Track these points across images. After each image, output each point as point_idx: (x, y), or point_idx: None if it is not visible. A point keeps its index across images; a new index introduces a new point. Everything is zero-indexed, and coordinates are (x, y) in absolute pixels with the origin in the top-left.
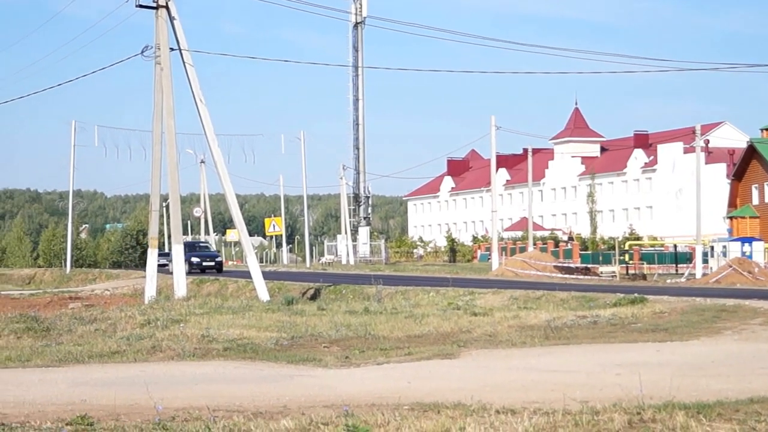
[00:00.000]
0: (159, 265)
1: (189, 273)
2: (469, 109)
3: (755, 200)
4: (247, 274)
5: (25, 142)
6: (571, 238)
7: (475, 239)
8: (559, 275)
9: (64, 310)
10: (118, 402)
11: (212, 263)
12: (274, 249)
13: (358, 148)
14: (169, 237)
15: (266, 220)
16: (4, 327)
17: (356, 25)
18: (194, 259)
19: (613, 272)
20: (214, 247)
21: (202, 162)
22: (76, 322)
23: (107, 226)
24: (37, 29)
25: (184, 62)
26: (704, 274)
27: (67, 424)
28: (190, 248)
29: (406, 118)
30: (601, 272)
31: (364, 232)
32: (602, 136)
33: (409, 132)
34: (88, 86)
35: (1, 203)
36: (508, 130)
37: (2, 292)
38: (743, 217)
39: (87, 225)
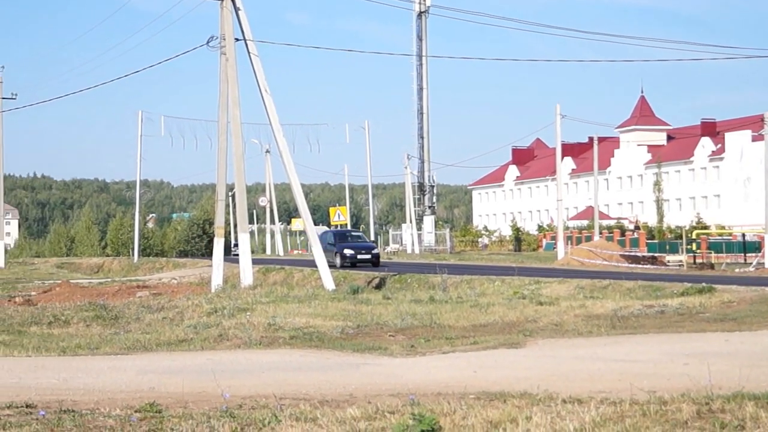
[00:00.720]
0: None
1: (341, 267)
2: (534, 98)
3: None
4: (312, 263)
5: (92, 132)
6: (637, 227)
7: (540, 228)
8: (626, 264)
9: (132, 299)
10: (185, 389)
11: (368, 256)
12: None
13: (422, 138)
14: (235, 226)
15: (331, 209)
16: (73, 315)
17: (420, 14)
18: (347, 251)
19: (680, 261)
20: (368, 237)
21: (268, 152)
22: (143, 310)
23: (174, 215)
24: (104, 21)
25: (249, 52)
26: None
27: (136, 411)
28: (340, 238)
29: (470, 107)
30: (668, 261)
31: (428, 221)
32: (668, 125)
33: (474, 121)
34: (155, 77)
35: (70, 193)
36: (573, 119)
37: (71, 281)
38: None
39: (154, 214)
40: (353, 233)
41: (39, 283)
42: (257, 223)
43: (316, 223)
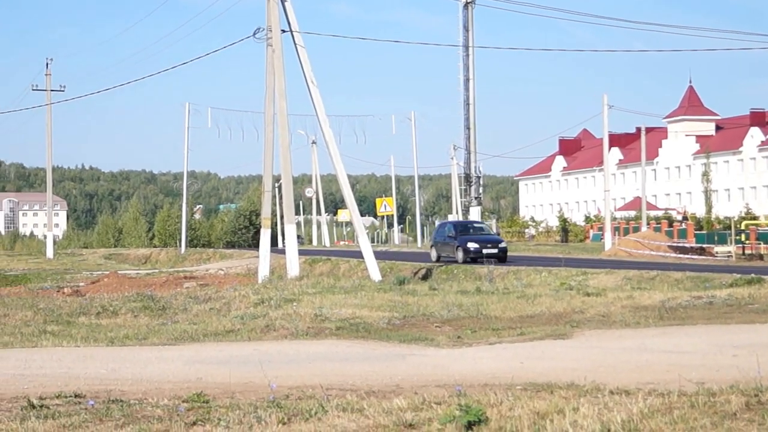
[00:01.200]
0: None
1: (463, 262)
2: (581, 88)
3: None
4: (358, 254)
5: (140, 124)
6: (685, 218)
7: (587, 219)
8: (674, 255)
9: (180, 290)
10: (232, 380)
11: (494, 250)
12: (385, 229)
13: (468, 128)
14: (282, 217)
15: (377, 200)
16: (121, 306)
17: (467, 4)
18: (471, 245)
19: (729, 252)
20: (493, 229)
21: (314, 143)
22: (191, 301)
23: (220, 206)
24: (152, 13)
25: (295, 44)
26: None
27: (183, 401)
28: (462, 230)
29: (517, 97)
30: (717, 252)
31: (475, 212)
32: (717, 114)
33: (521, 111)
34: (202, 69)
35: (118, 184)
36: (620, 109)
37: (119, 272)
38: None
39: (201, 205)
40: (475, 224)
41: (87, 274)
42: (303, 214)
43: (362, 214)
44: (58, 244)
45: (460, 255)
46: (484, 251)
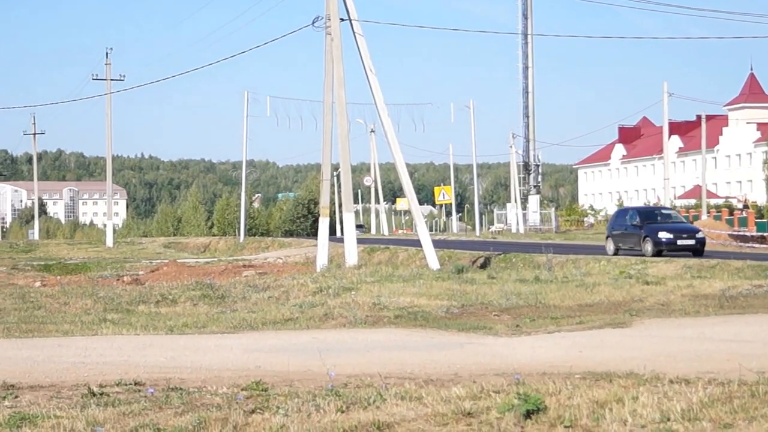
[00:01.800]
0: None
1: (653, 255)
2: (641, 76)
3: None
4: (416, 243)
5: (199, 113)
6: (746, 206)
7: None
8: (734, 244)
9: (238, 278)
10: (291, 368)
11: (691, 242)
12: (443, 217)
13: (527, 116)
14: (340, 206)
15: (436, 188)
16: (180, 294)
17: None
18: (663, 235)
19: None
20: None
21: (372, 131)
22: (249, 289)
23: (279, 195)
24: (211, 2)
25: (354, 32)
26: None
27: (242, 390)
28: (649, 217)
29: (576, 85)
30: None
31: (533, 200)
32: None
33: (580, 99)
34: (261, 57)
35: (177, 173)
36: (680, 97)
37: (178, 261)
38: None
39: (260, 194)
40: (663, 210)
41: (146, 262)
42: (362, 202)
43: (420, 203)
44: (117, 233)
45: (648, 247)
46: (679, 242)
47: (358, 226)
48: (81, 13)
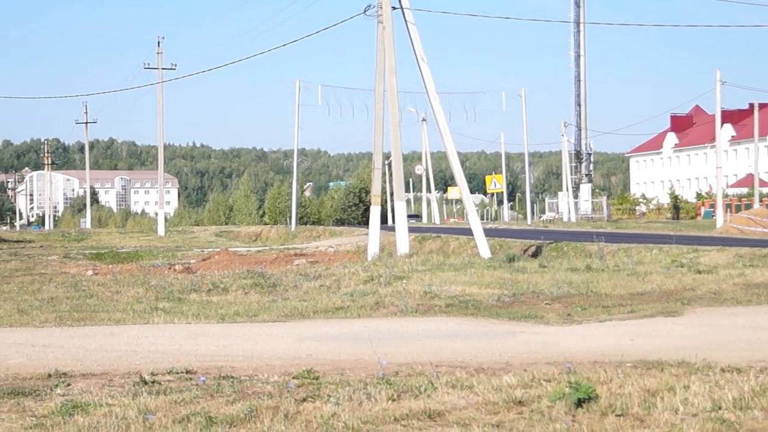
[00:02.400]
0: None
1: None
2: (693, 64)
3: None
4: (468, 231)
5: (250, 101)
6: None
7: (698, 196)
8: None
9: (290, 267)
10: (342, 357)
11: None
12: (494, 206)
13: (579, 105)
14: (392, 194)
15: (487, 177)
16: (232, 283)
17: None
18: None
19: None
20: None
21: (424, 120)
22: (301, 278)
23: (330, 183)
24: None
25: (405, 21)
26: None
27: (293, 378)
28: None
29: (628, 73)
30: None
31: (585, 189)
32: None
33: (632, 88)
34: (313, 46)
35: (229, 162)
36: (733, 85)
37: (230, 249)
38: None
39: (311, 183)
40: None
41: (198, 251)
42: (413, 191)
43: (472, 192)
44: (169, 222)
45: None
46: None
47: (414, 216)
48: (133, 2)
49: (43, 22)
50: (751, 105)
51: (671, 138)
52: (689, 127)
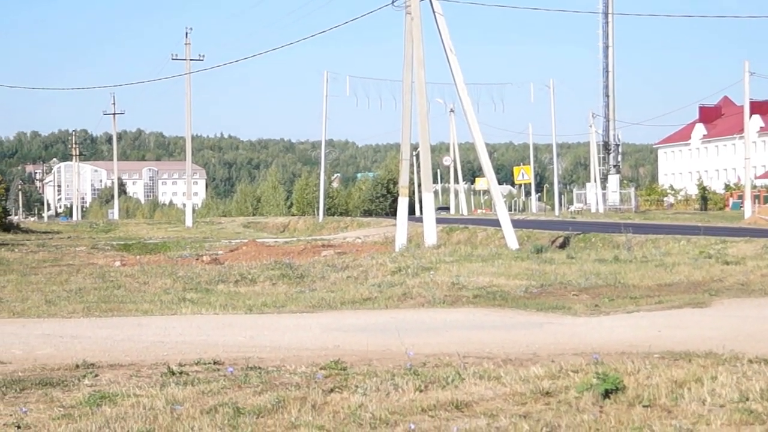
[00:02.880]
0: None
1: None
2: (722, 55)
3: None
4: (495, 222)
5: (278, 92)
6: None
7: (727, 187)
8: None
9: (317, 258)
10: (370, 347)
11: None
12: (522, 197)
13: (607, 96)
14: (419, 186)
15: (515, 168)
16: (260, 274)
17: None
18: None
19: None
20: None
21: (452, 111)
22: (328, 269)
23: (358, 175)
24: None
25: (434, 11)
26: None
27: (321, 369)
28: None
29: (656, 64)
30: None
31: (613, 180)
32: None
33: (660, 79)
34: (341, 37)
35: (256, 153)
36: (762, 76)
37: (258, 240)
38: None
39: (339, 174)
40: None
41: (226, 242)
42: (441, 182)
43: (499, 183)
44: (197, 213)
45: None
46: None
47: (443, 208)
48: None
49: (71, 13)
50: None
51: (699, 129)
52: (718, 118)
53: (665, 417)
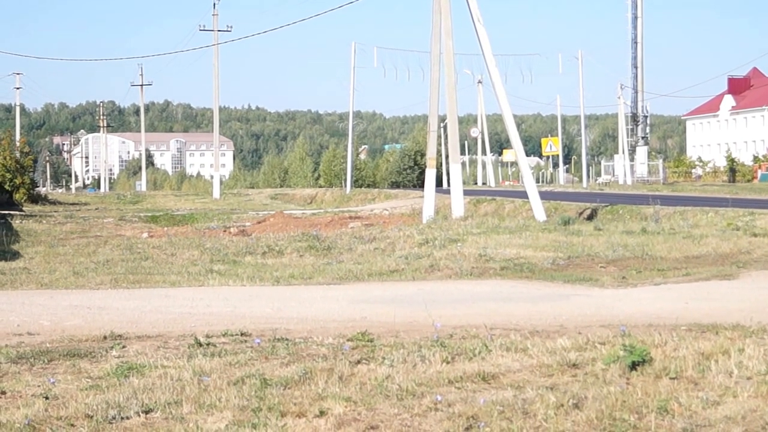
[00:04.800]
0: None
1: None
2: (751, 26)
3: None
4: (523, 194)
5: (306, 64)
6: None
7: (755, 159)
8: None
9: (345, 230)
10: (397, 319)
11: None
12: (550, 169)
13: (636, 67)
14: (447, 157)
15: (543, 140)
16: (287, 245)
17: None
18: None
19: None
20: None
21: (480, 82)
22: (355, 241)
23: (386, 146)
24: None
25: None
26: None
27: (348, 340)
28: None
29: (685, 35)
30: None
31: (641, 151)
32: None
33: (689, 50)
34: (368, 8)
35: (284, 124)
36: None
37: (285, 212)
38: None
39: (366, 146)
40: None
41: (253, 213)
42: (469, 154)
43: (527, 154)
44: (224, 184)
45: None
46: None
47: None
48: None
49: None
50: None
51: (728, 100)
52: (747, 89)
53: (692, 389)
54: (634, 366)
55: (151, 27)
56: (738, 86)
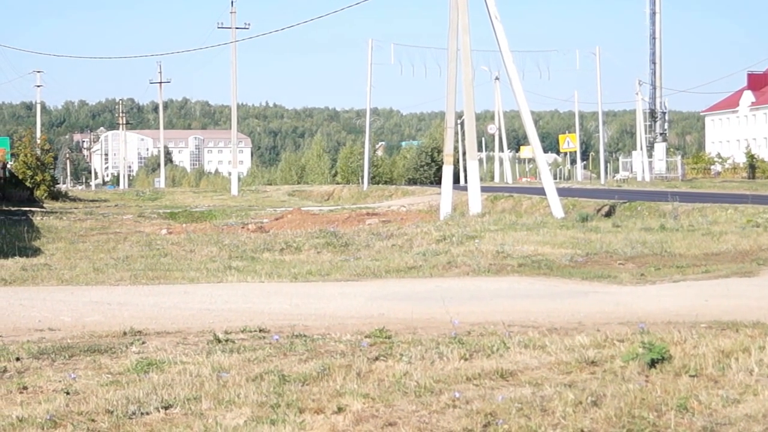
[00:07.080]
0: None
1: None
2: None
3: None
4: (540, 191)
5: (323, 61)
6: None
7: None
8: None
9: (362, 226)
10: (414, 316)
11: None
12: (567, 165)
13: (654, 63)
14: (464, 154)
15: (560, 136)
16: (305, 242)
17: None
18: None
19: None
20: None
21: (497, 79)
22: (373, 237)
23: (403, 143)
24: None
25: None
26: None
27: (366, 337)
28: None
29: (704, 31)
30: None
31: (660, 148)
32: None
33: (708, 46)
34: (385, 5)
35: (301, 121)
36: None
37: (303, 209)
38: None
39: (383, 142)
40: None
41: (271, 210)
42: (486, 150)
43: (545, 151)
44: (242, 181)
45: None
46: None
47: None
48: None
49: None
50: None
51: (748, 96)
52: (766, 85)
53: (712, 387)
54: (653, 363)
55: (170, 25)
56: (757, 82)
